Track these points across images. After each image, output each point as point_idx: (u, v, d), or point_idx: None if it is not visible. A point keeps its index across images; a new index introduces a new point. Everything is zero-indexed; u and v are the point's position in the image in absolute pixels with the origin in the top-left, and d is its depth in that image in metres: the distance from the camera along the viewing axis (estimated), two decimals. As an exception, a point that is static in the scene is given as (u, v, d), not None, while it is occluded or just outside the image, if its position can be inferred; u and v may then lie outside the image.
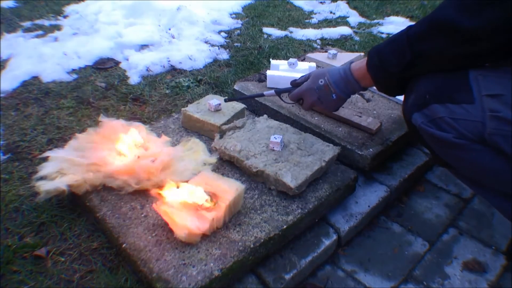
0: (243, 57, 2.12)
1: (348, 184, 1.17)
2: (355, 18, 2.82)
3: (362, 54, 1.81)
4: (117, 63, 2.05)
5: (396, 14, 2.92)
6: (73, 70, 1.95)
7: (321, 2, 3.11)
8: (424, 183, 1.40)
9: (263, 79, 1.59)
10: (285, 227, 1.01)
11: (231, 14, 2.76)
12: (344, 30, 2.53)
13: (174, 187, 0.98)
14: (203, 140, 1.25)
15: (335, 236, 1.12)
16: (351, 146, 1.24)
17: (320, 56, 1.75)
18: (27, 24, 2.50)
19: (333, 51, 1.73)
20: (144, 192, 1.07)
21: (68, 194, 1.07)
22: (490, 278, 1.08)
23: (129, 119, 1.54)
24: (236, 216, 1.02)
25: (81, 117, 1.60)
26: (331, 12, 2.90)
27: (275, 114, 1.40)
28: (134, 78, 1.89)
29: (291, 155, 1.14)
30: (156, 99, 1.73)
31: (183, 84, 1.84)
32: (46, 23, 2.53)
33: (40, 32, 2.38)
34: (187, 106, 1.36)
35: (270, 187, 1.11)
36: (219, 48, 2.23)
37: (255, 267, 1.01)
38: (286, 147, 1.18)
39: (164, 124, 1.38)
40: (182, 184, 1.00)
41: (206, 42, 2.28)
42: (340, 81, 1.04)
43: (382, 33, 2.57)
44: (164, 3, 2.56)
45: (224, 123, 1.28)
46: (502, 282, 1.08)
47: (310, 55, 1.77)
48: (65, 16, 2.64)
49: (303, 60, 1.74)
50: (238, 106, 1.37)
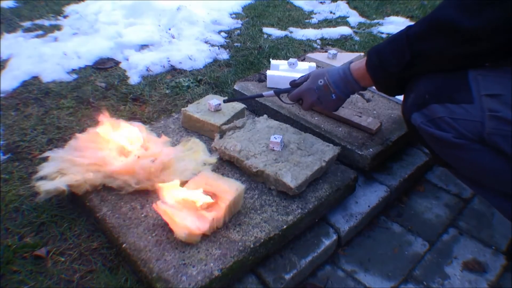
0: (243, 57, 2.12)
1: (348, 184, 1.17)
2: (355, 18, 2.82)
3: (362, 54, 1.81)
4: (117, 63, 2.05)
5: (396, 14, 2.92)
6: (73, 70, 1.95)
7: (321, 2, 3.11)
8: (424, 183, 1.40)
9: (263, 79, 1.59)
10: (285, 227, 1.01)
11: (231, 14, 2.76)
12: (344, 30, 2.53)
13: (177, 184, 0.98)
14: (203, 140, 1.25)
15: (335, 236, 1.12)
16: (351, 146, 1.24)
17: (320, 56, 1.75)
18: (27, 24, 2.50)
19: (333, 51, 1.73)
20: (144, 192, 1.07)
21: (68, 194, 1.07)
22: (490, 278, 1.08)
23: (129, 119, 1.54)
24: (236, 216, 1.02)
25: (81, 117, 1.60)
26: (331, 12, 2.90)
27: (275, 114, 1.41)
28: (134, 78, 1.89)
29: (291, 155, 1.14)
30: (156, 99, 1.73)
31: (183, 84, 1.84)
32: (46, 23, 2.53)
33: (40, 32, 2.38)
34: (187, 106, 1.36)
35: (270, 187, 1.11)
36: (219, 48, 2.23)
37: (255, 267, 1.01)
38: (286, 147, 1.18)
39: (164, 124, 1.38)
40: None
41: (206, 42, 2.28)
42: (340, 81, 1.04)
43: (382, 33, 2.57)
44: (164, 3, 2.56)
45: (224, 123, 1.28)
46: (502, 282, 1.08)
47: (310, 55, 1.77)
48: (65, 16, 2.64)
49: (303, 60, 1.74)
50: (238, 106, 1.37)
